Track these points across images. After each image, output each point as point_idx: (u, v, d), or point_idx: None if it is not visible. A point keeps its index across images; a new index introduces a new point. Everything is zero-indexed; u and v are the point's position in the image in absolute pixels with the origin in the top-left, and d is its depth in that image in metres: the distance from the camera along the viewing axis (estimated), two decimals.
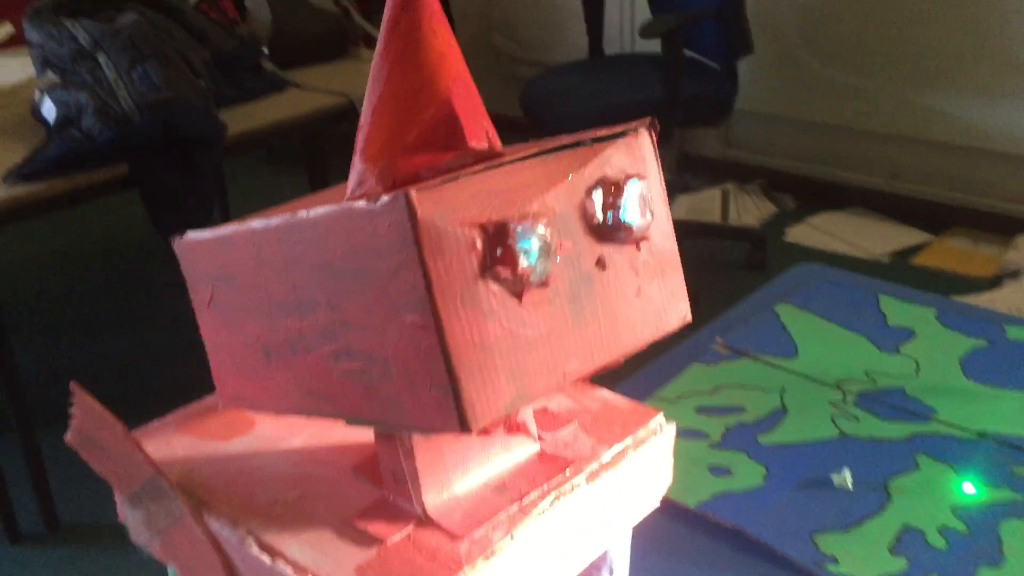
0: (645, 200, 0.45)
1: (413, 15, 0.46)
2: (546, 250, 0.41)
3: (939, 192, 2.99)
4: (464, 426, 0.39)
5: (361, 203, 0.40)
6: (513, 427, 0.49)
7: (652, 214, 0.45)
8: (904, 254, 2.83)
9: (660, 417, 0.55)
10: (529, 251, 0.41)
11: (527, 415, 0.51)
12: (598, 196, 0.44)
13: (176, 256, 0.53)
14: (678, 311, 0.48)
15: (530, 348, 0.42)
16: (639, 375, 1.00)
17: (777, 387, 0.98)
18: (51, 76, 1.71)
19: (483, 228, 0.40)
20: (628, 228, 0.44)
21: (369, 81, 0.46)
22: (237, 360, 0.51)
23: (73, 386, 0.48)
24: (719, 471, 0.86)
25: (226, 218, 2.94)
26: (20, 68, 2.04)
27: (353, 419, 0.45)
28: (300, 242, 0.44)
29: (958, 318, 1.08)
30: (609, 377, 0.54)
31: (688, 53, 2.48)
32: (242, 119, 1.90)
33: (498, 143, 0.47)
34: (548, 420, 0.54)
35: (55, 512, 1.89)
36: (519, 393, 0.41)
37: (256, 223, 0.47)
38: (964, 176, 2.94)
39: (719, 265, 2.80)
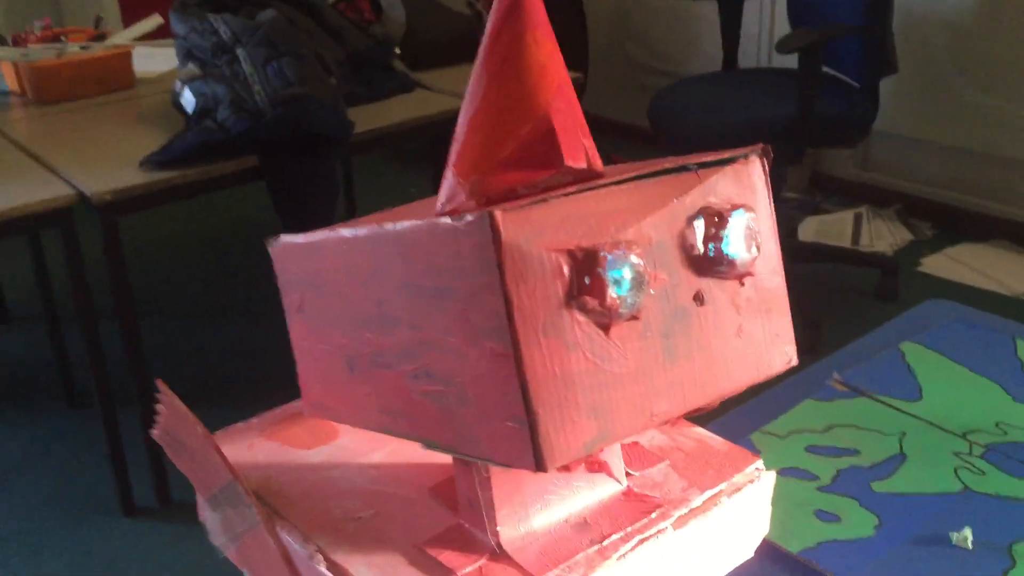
0: (752, 233, 0.42)
1: (516, 25, 0.44)
2: (638, 281, 0.38)
3: None
4: (539, 464, 0.37)
5: (446, 220, 0.38)
6: (595, 466, 0.46)
7: (759, 248, 0.42)
8: None
9: (759, 462, 0.52)
10: (620, 281, 0.38)
11: (613, 452, 0.48)
12: (700, 226, 0.41)
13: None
14: (782, 354, 0.44)
15: (616, 384, 0.39)
16: (747, 406, 0.95)
17: (896, 431, 0.92)
18: (192, 68, 1.77)
19: (571, 254, 0.38)
20: (731, 262, 0.41)
21: (467, 92, 0.44)
22: (322, 369, 0.50)
23: (159, 384, 0.48)
24: (827, 516, 0.81)
25: (352, 214, 3.00)
26: (165, 59, 2.12)
27: (429, 443, 0.43)
28: (385, 255, 0.43)
29: None
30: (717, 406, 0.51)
31: (827, 70, 2.39)
32: (370, 117, 1.92)
33: (598, 162, 0.44)
34: (637, 456, 0.51)
35: (168, 489, 1.95)
36: (601, 432, 0.39)
37: (345, 232, 0.46)
38: None
39: (846, 292, 2.68)
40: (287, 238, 0.51)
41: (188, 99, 1.74)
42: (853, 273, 2.75)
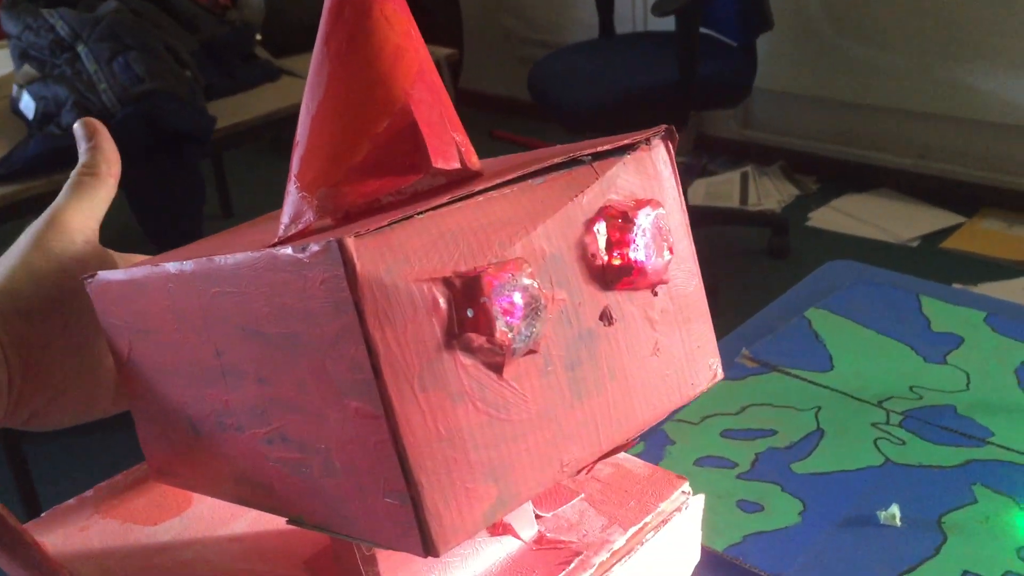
0: (662, 232, 0.35)
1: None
2: (533, 306, 0.31)
3: (970, 172, 2.85)
4: (429, 548, 0.30)
5: (287, 250, 0.30)
6: (497, 530, 0.39)
7: (671, 250, 0.35)
8: (933, 238, 2.71)
9: (685, 485, 0.45)
10: (511, 309, 0.31)
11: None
12: (601, 231, 0.34)
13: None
14: (706, 369, 0.38)
15: (516, 436, 0.32)
16: None
17: (812, 406, 0.87)
18: (29, 70, 1.62)
19: (448, 282, 0.30)
20: (641, 270, 0.34)
21: (306, 85, 0.36)
22: (163, 429, 0.42)
23: None
24: (750, 507, 0.76)
25: (228, 216, 2.85)
26: (2, 62, 1.94)
27: (295, 519, 0.35)
28: (220, 295, 0.34)
29: (1011, 322, 0.97)
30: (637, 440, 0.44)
31: (704, 30, 2.36)
32: (234, 110, 1.80)
33: (474, 160, 0.37)
34: (547, 493, 0.44)
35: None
36: (502, 496, 0.31)
37: (170, 267, 0.37)
38: (996, 154, 2.81)
39: (739, 253, 2.68)
40: (104, 275, 0.42)
41: (27, 104, 1.58)
42: (744, 233, 2.75)
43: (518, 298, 0.31)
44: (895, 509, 0.73)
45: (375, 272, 0.29)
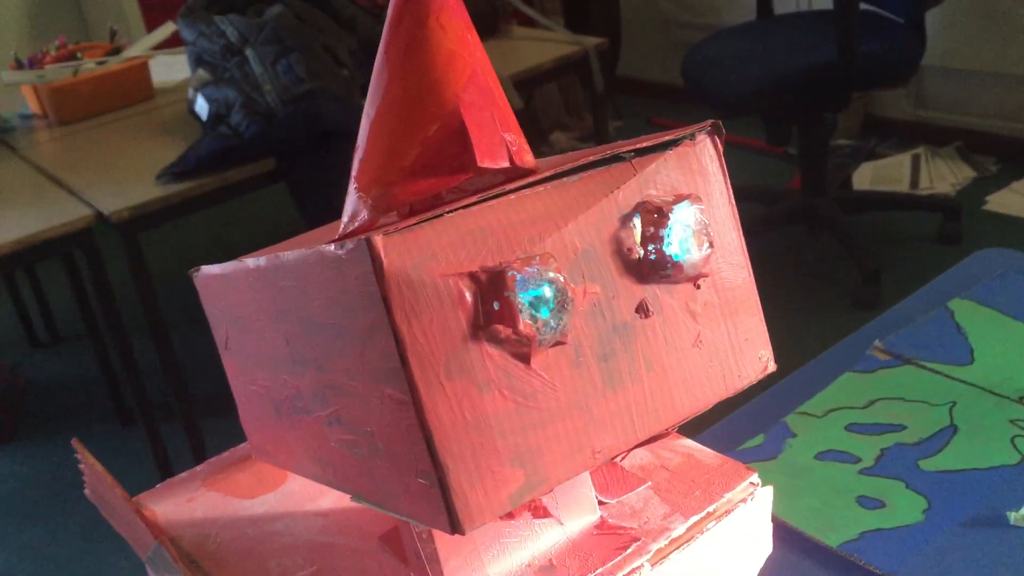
0: (702, 226, 0.35)
1: (417, 7, 0.38)
2: (560, 299, 0.32)
3: None
4: (455, 526, 0.32)
5: (331, 248, 0.33)
6: (540, 512, 0.40)
7: (711, 244, 0.35)
8: None
9: (754, 476, 0.45)
10: (537, 302, 0.32)
11: (580, 482, 0.42)
12: (636, 225, 0.34)
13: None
14: (755, 361, 0.38)
15: (544, 423, 0.33)
16: (780, 386, 0.88)
17: (946, 401, 0.84)
18: (203, 73, 1.74)
19: (474, 277, 0.32)
20: (676, 264, 0.35)
21: (368, 91, 0.39)
22: (256, 411, 0.45)
23: (75, 444, 0.44)
24: (870, 503, 0.74)
25: None
26: (183, 67, 2.09)
27: (356, 496, 0.38)
28: (284, 288, 0.37)
29: None
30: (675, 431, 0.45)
31: (867, 7, 2.26)
32: None
33: (526, 159, 0.38)
34: (615, 480, 0.45)
35: None
36: (530, 480, 0.33)
37: (249, 262, 0.40)
38: None
39: (907, 240, 2.55)
40: (207, 269, 0.46)
41: (201, 106, 1.71)
42: (913, 219, 2.62)
43: (546, 291, 0.32)
44: None
45: (402, 268, 0.31)
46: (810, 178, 2.43)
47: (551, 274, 0.32)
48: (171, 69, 2.16)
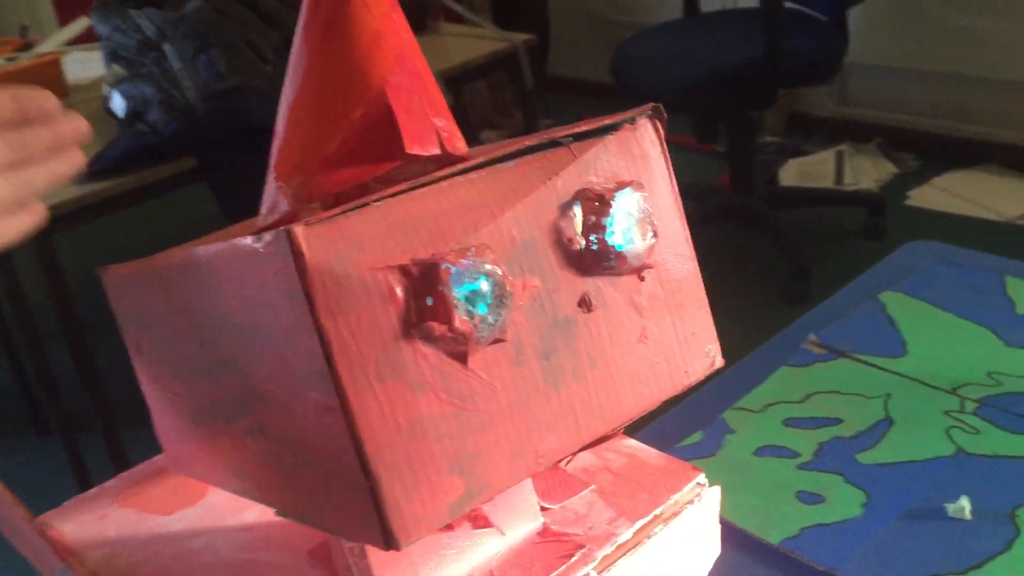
0: (646, 215, 0.33)
1: None
2: (498, 293, 0.30)
3: None
4: (389, 542, 0.29)
5: (246, 240, 0.30)
6: (479, 522, 0.38)
7: (656, 233, 0.34)
8: None
9: (700, 477, 0.43)
10: (473, 297, 0.30)
11: (522, 488, 0.40)
12: (577, 214, 0.32)
13: None
14: (702, 356, 0.36)
15: (484, 426, 0.31)
16: (717, 381, 0.87)
17: (881, 393, 0.84)
18: (118, 69, 1.67)
19: (405, 271, 0.29)
20: (619, 255, 0.33)
21: (286, 75, 0.36)
22: (173, 420, 0.42)
23: None
24: (810, 498, 0.73)
25: None
26: (98, 63, 2.02)
27: (280, 511, 0.35)
28: (200, 287, 0.34)
29: None
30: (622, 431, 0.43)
31: (791, 5, 2.28)
32: None
33: (459, 146, 0.36)
34: (557, 484, 0.43)
35: None
36: (470, 489, 0.31)
37: (161, 259, 0.37)
38: None
39: (833, 236, 2.59)
40: (116, 268, 0.43)
41: (117, 103, 1.64)
42: (838, 215, 2.66)
43: (482, 285, 0.30)
44: (964, 501, 0.69)
45: (326, 261, 0.28)
46: (738, 175, 2.45)
47: (488, 267, 0.30)
48: (85, 65, 2.08)
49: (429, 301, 0.29)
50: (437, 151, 0.35)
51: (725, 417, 0.83)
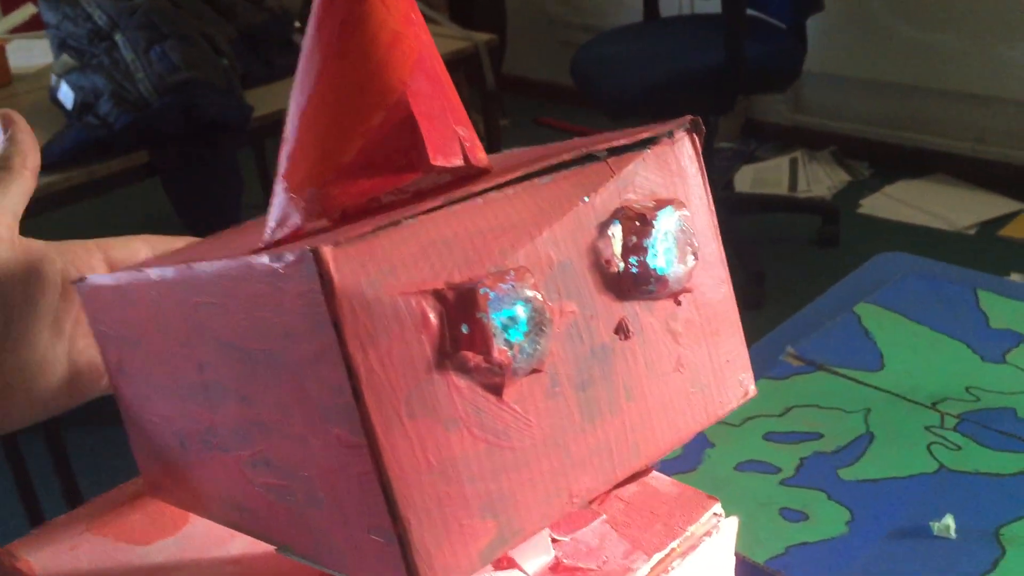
0: (686, 236, 0.31)
1: None
2: (537, 320, 0.28)
3: None
4: None
5: (263, 259, 0.27)
6: (502, 563, 0.35)
7: (696, 255, 0.31)
8: (991, 225, 2.61)
9: (717, 506, 0.42)
10: (511, 324, 0.27)
11: None
12: (616, 234, 0.30)
13: None
14: (736, 385, 0.34)
15: (518, 465, 0.28)
16: None
17: (861, 408, 0.83)
18: (67, 59, 1.61)
19: (440, 295, 0.27)
20: (660, 278, 0.30)
21: (296, 77, 0.33)
22: (155, 444, 0.39)
23: None
24: (793, 515, 0.72)
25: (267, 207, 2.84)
26: (44, 52, 1.95)
27: (282, 548, 0.33)
28: (200, 306, 0.31)
29: None
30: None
31: (752, 12, 2.29)
32: (272, 99, 1.78)
33: (481, 156, 0.33)
34: (565, 515, 0.40)
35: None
36: (502, 533, 0.28)
37: (153, 273, 0.34)
38: None
39: (787, 242, 2.61)
40: (95, 279, 0.39)
41: (66, 94, 1.58)
42: (792, 221, 2.68)
43: (520, 311, 0.27)
44: (949, 520, 0.68)
45: (356, 285, 0.26)
46: None
47: (528, 292, 0.27)
48: (31, 54, 2.01)
49: (465, 329, 0.27)
50: (460, 162, 0.32)
51: (704, 431, 0.82)
